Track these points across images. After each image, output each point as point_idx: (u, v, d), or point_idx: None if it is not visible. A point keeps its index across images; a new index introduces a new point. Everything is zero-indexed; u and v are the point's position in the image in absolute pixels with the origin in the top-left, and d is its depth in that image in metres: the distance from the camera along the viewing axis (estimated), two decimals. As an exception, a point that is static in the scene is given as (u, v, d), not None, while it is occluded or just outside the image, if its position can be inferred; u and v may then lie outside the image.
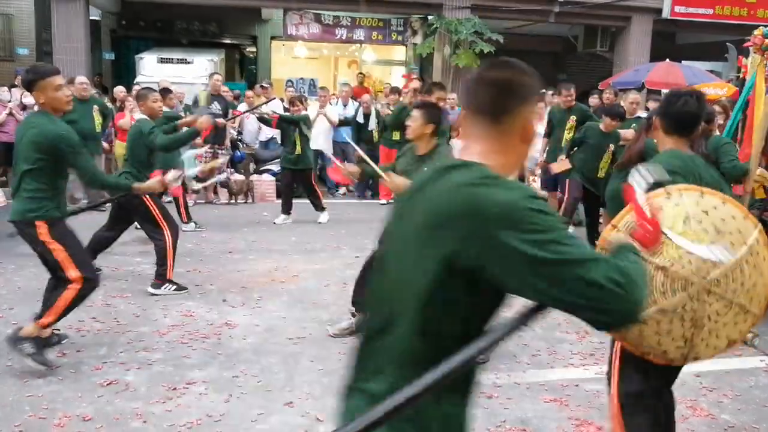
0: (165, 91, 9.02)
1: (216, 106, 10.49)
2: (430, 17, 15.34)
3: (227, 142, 10.85)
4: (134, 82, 12.51)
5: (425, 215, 1.65)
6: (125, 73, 15.46)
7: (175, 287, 6.17)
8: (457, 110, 11.71)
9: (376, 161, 11.18)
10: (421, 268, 1.61)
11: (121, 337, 4.98)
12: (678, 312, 2.71)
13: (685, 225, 2.71)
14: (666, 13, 15.65)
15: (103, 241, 6.41)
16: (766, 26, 5.34)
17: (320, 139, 11.69)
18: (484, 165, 1.66)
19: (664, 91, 10.18)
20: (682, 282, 2.66)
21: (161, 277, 6.12)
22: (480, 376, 3.44)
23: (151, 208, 6.03)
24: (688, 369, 4.67)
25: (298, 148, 9.19)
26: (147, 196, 5.94)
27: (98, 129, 9.63)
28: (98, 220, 9.20)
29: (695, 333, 2.76)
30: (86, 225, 6.64)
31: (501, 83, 1.74)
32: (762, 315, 2.80)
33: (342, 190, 12.19)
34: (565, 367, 4.79)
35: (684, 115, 3.26)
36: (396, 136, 10.91)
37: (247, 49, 19.18)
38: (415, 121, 4.62)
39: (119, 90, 11.35)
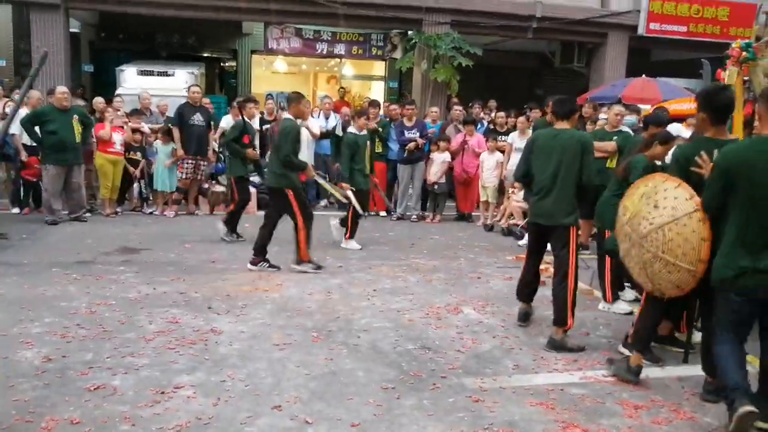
0: (247, 101, 9.56)
1: (198, 118, 10.50)
2: (409, 32, 15.51)
3: (210, 154, 10.84)
4: (115, 93, 12.47)
5: None
6: (105, 84, 15.37)
7: (312, 266, 7.28)
8: (439, 124, 11.80)
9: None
10: None
11: (106, 343, 4.95)
12: (631, 255, 4.50)
13: (639, 200, 4.43)
14: (641, 30, 15.99)
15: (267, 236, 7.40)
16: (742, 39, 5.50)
17: (303, 151, 11.72)
18: None
19: (641, 106, 10.36)
20: (627, 235, 4.54)
21: (300, 257, 7.26)
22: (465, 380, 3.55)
23: (292, 200, 7.17)
24: (670, 374, 4.80)
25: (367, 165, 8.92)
26: (291, 191, 7.17)
27: (78, 139, 9.58)
28: (80, 230, 9.17)
29: (647, 273, 4.38)
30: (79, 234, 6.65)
31: None
32: (698, 272, 4.10)
33: (323, 202, 12.21)
34: (550, 372, 4.83)
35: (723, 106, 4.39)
36: (378, 148, 10.98)
37: (227, 63, 19.19)
38: None
39: (98, 101, 11.29)
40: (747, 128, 5.66)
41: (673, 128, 7.94)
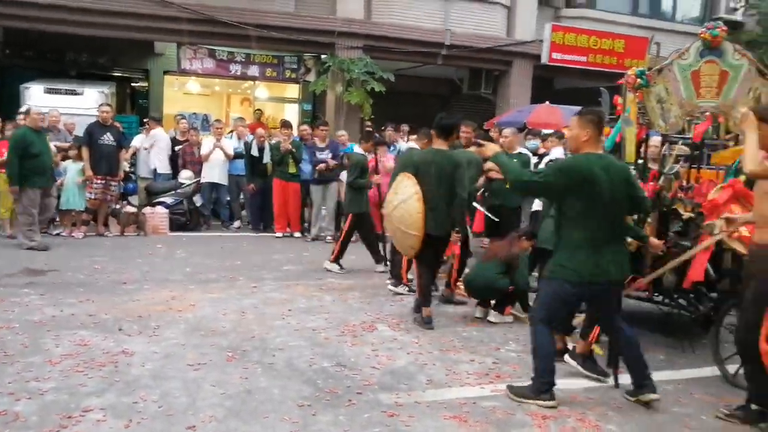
0: (369, 134, 9.51)
1: (108, 137, 10.30)
2: (323, 56, 15.64)
3: (120, 173, 10.62)
4: (18, 111, 12.01)
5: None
6: (7, 102, 14.75)
7: (408, 289, 7.57)
8: (349, 146, 11.90)
9: (270, 193, 11.30)
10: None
11: (8, 367, 4.75)
12: (389, 228, 6.77)
13: (392, 191, 6.46)
14: (544, 59, 16.67)
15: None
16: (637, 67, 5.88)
17: (216, 171, 11.66)
18: None
19: (544, 131, 10.78)
20: (386, 214, 6.67)
21: (397, 278, 7.72)
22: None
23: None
24: (578, 386, 5.01)
25: None
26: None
27: (53, 159, 9.64)
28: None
29: (397, 239, 6.58)
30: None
31: None
32: (419, 236, 6.14)
33: (236, 223, 12.13)
34: (462, 386, 4.96)
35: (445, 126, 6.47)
36: (292, 169, 11.02)
37: (139, 83, 18.78)
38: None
39: None
40: (639, 149, 6.08)
41: (558, 152, 8.68)
